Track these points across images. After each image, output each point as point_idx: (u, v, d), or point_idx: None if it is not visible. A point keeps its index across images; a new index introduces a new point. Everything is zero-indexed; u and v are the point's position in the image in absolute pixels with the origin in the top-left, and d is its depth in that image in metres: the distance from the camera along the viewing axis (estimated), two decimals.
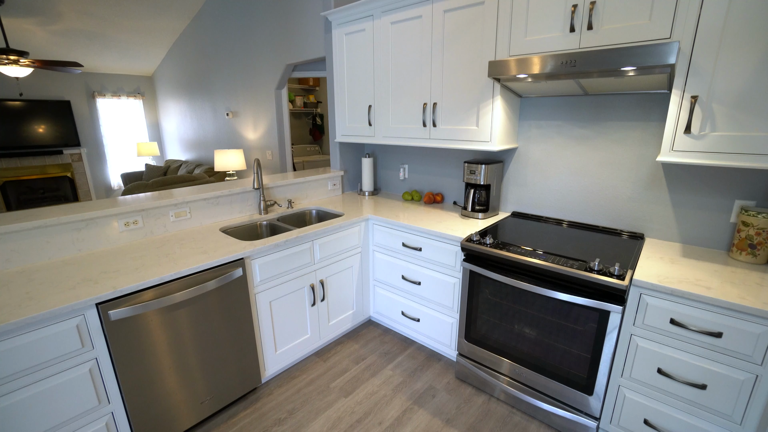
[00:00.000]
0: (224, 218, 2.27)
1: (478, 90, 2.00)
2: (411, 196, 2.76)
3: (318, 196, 2.83)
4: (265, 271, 1.86)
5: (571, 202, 2.11)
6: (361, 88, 2.58)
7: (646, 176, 1.85)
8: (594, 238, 1.88)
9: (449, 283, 2.05)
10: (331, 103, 2.90)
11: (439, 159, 2.68)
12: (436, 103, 2.19)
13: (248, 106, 4.53)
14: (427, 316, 2.22)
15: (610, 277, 1.43)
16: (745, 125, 1.35)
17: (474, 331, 1.95)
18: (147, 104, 6.71)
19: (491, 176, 2.18)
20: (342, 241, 2.25)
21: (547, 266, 1.57)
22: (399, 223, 2.19)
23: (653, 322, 1.42)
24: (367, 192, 2.96)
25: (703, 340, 1.34)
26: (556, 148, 2.11)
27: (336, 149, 2.98)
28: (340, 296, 2.34)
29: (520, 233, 1.96)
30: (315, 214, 2.63)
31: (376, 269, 2.45)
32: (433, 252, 2.08)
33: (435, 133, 2.24)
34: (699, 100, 1.42)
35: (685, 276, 1.44)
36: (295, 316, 2.08)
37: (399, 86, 2.36)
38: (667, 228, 1.84)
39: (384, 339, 2.49)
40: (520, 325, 1.77)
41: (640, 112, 1.81)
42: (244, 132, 4.73)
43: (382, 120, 2.51)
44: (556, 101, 2.06)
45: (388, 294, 2.42)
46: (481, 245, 1.78)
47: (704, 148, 1.43)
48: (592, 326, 1.55)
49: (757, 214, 1.55)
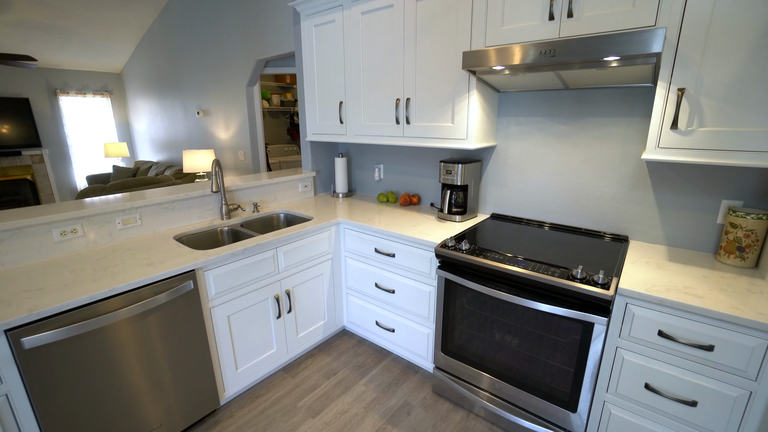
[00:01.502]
0: (181, 225, 2.08)
1: (453, 84, 1.87)
2: (386, 198, 2.61)
3: (288, 199, 2.66)
4: (221, 283, 1.69)
5: (553, 203, 2.00)
6: (332, 84, 2.42)
7: (630, 175, 1.75)
8: (577, 241, 1.77)
9: (424, 292, 1.91)
10: (302, 100, 2.74)
11: (415, 158, 2.54)
12: (409, 99, 2.05)
13: (219, 105, 4.31)
14: (402, 327, 2.08)
15: (593, 286, 1.31)
16: (734, 120, 1.25)
17: (451, 342, 1.82)
18: (116, 103, 6.39)
19: (469, 176, 2.05)
20: (310, 247, 2.08)
21: (526, 274, 1.44)
22: (371, 228, 2.05)
23: (640, 334, 1.31)
24: (341, 194, 2.80)
25: (693, 353, 1.23)
26: (537, 146, 1.99)
27: (307, 149, 2.82)
28: (309, 306, 2.18)
29: (499, 237, 1.83)
30: (283, 218, 2.46)
31: (349, 277, 2.29)
32: (406, 258, 1.94)
33: (409, 130, 2.10)
34: (686, 92, 1.31)
35: (672, 283, 1.34)
36: (258, 331, 1.91)
37: (371, 81, 2.21)
38: (652, 230, 1.74)
39: (358, 350, 2.34)
40: (499, 337, 1.64)
41: (623, 107, 1.71)
42: (215, 131, 4.51)
43: (354, 117, 2.36)
44: (536, 96, 1.94)
45: (362, 303, 2.27)
46: (456, 251, 1.65)
47: (692, 145, 1.33)
48: (575, 338, 1.43)
49: (746, 215, 1.45)
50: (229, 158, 4.42)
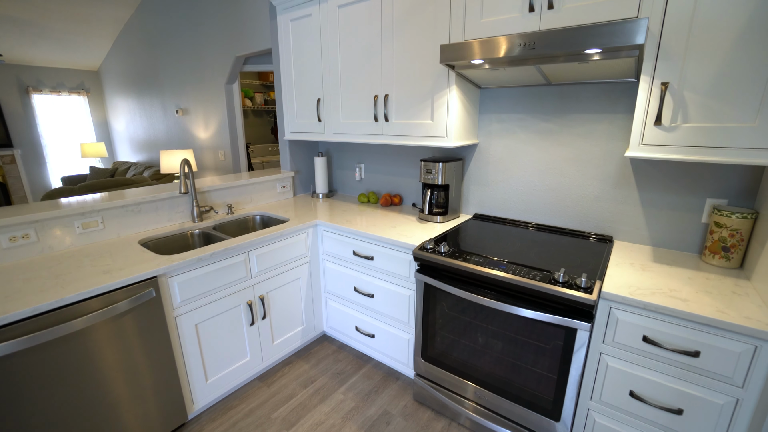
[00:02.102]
0: (148, 228, 1.97)
1: (432, 80, 1.79)
2: (367, 198, 2.53)
3: (265, 200, 2.56)
4: (187, 290, 1.59)
5: (536, 203, 1.94)
6: (310, 81, 2.33)
7: (614, 173, 1.70)
8: (561, 242, 1.71)
9: (404, 296, 1.83)
10: (279, 97, 2.64)
11: (396, 157, 2.47)
12: (387, 95, 1.97)
13: (198, 103, 4.18)
14: (382, 332, 2.00)
15: (576, 290, 1.25)
16: (719, 115, 1.20)
17: (431, 349, 1.74)
18: (93, 101, 6.19)
19: (450, 175, 1.98)
20: (285, 250, 1.99)
21: (507, 278, 1.38)
22: (348, 230, 1.96)
23: (624, 339, 1.25)
24: (321, 194, 2.71)
25: (678, 359, 1.18)
26: (519, 144, 1.93)
27: (286, 148, 2.72)
28: (286, 312, 2.08)
29: (480, 239, 1.76)
30: (259, 220, 2.36)
31: (328, 280, 2.21)
32: (385, 261, 1.86)
33: (387, 128, 2.02)
34: (670, 87, 1.26)
35: (657, 286, 1.28)
36: (230, 339, 1.82)
37: (349, 77, 2.13)
38: (637, 230, 1.69)
39: (338, 356, 2.25)
40: (481, 343, 1.57)
41: (606, 103, 1.66)
42: (195, 131, 4.38)
43: (332, 115, 2.27)
44: (518, 92, 1.88)
45: (341, 307, 2.18)
46: (434, 254, 1.57)
47: (676, 142, 1.28)
48: (558, 344, 1.37)
49: (731, 214, 1.41)
50: (209, 158, 4.29)
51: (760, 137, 1.15)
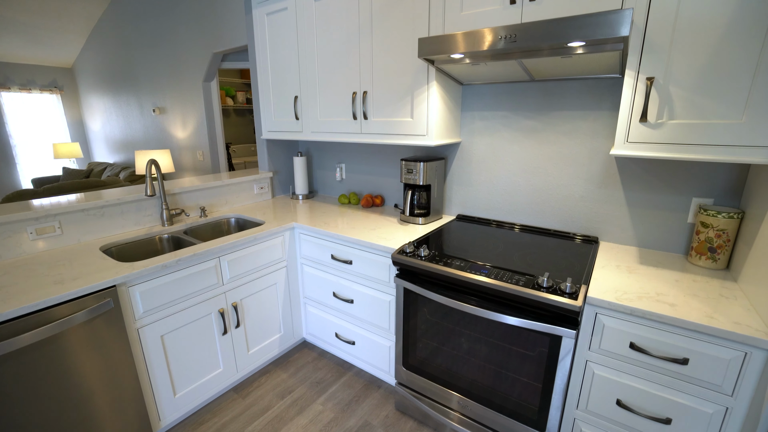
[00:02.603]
0: (113, 233, 1.85)
1: (412, 75, 1.72)
2: (348, 199, 2.45)
3: (241, 202, 2.46)
4: (151, 300, 1.48)
5: (520, 203, 1.88)
6: (287, 77, 2.24)
7: (599, 172, 1.65)
8: (545, 243, 1.65)
9: (384, 302, 1.75)
10: (256, 95, 2.54)
11: (378, 157, 2.39)
12: (366, 92, 1.89)
13: (176, 102, 4.04)
14: (362, 339, 1.92)
15: (561, 295, 1.19)
16: (706, 111, 1.15)
17: (413, 356, 1.67)
18: (67, 100, 5.96)
19: (432, 175, 1.91)
20: (260, 254, 1.90)
21: (488, 283, 1.31)
22: (326, 232, 1.88)
23: (611, 346, 1.20)
24: (301, 195, 2.62)
25: (666, 367, 1.12)
26: (503, 142, 1.87)
27: (263, 148, 2.62)
28: (262, 319, 1.99)
29: (463, 241, 1.70)
30: (234, 223, 2.25)
31: (306, 285, 2.12)
32: (364, 265, 1.78)
33: (367, 126, 1.94)
34: (655, 82, 1.20)
35: (644, 289, 1.23)
36: (201, 350, 1.71)
37: (326, 73, 2.04)
38: (622, 230, 1.64)
39: (318, 364, 2.17)
40: (464, 351, 1.50)
41: (590, 100, 1.60)
42: (172, 130, 4.23)
43: (309, 113, 2.18)
44: (500, 89, 1.82)
45: (320, 313, 2.09)
46: (414, 258, 1.50)
47: (662, 139, 1.22)
48: (542, 351, 1.31)
49: (717, 214, 1.37)
50: (187, 159, 4.15)
51: (747, 134, 1.10)
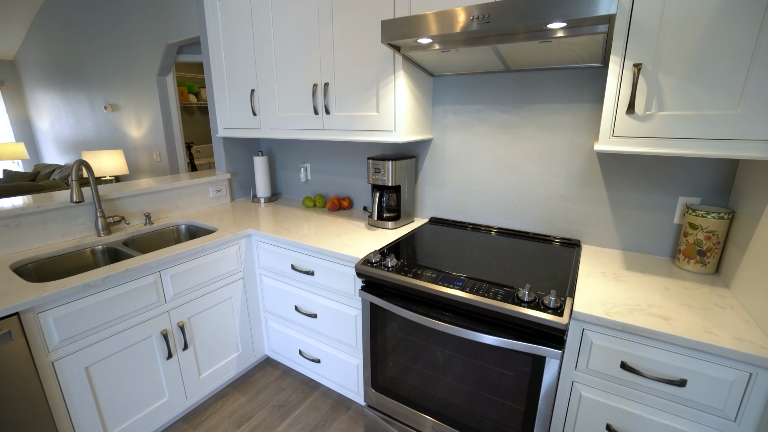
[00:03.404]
0: (32, 246, 1.59)
1: (376, 65, 1.55)
2: (313, 202, 2.25)
3: (195, 207, 2.23)
4: (69, 326, 1.25)
5: (497, 205, 1.75)
6: (242, 69, 2.02)
7: (581, 171, 1.52)
8: (525, 248, 1.52)
9: (350, 316, 1.58)
10: (210, 89, 2.31)
11: (345, 155, 2.21)
12: (327, 84, 1.71)
13: (129, 98, 3.72)
14: (328, 357, 1.73)
15: (544, 311, 1.05)
16: (698, 102, 1.03)
17: (383, 376, 1.50)
18: (9, 96, 5.48)
19: (401, 175, 1.75)
20: (211, 266, 1.68)
21: (463, 298, 1.15)
22: (285, 240, 1.68)
23: (600, 366, 1.06)
24: (263, 198, 2.41)
25: (662, 389, 1.00)
26: (477, 139, 1.73)
27: (220, 147, 2.39)
28: (216, 338, 1.77)
29: (436, 247, 1.54)
30: (185, 231, 2.02)
31: (266, 298, 1.91)
32: (327, 277, 1.60)
33: (329, 122, 1.75)
34: (643, 69, 1.08)
35: (634, 300, 1.10)
36: (140, 378, 1.49)
37: (285, 64, 1.84)
38: (605, 233, 1.53)
39: (282, 384, 1.97)
40: (438, 370, 1.35)
41: (571, 91, 1.48)
42: (127, 129, 3.91)
43: (268, 108, 1.98)
44: (474, 80, 1.67)
45: (283, 329, 1.90)
46: (380, 269, 1.33)
47: (650, 133, 1.10)
48: (524, 371, 1.17)
49: (707, 214, 1.26)
50: (143, 160, 3.84)
51: (743, 127, 0.99)
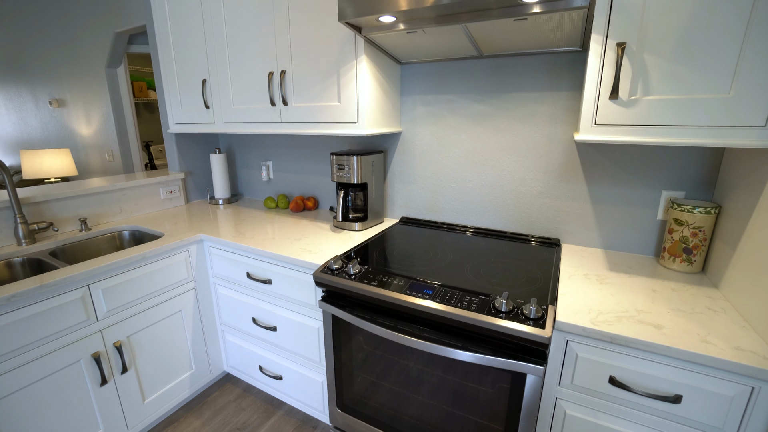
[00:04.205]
0: None
1: (337, 49, 1.40)
2: (276, 203, 2.08)
3: (142, 210, 2.01)
4: None
5: (472, 202, 1.62)
6: (193, 57, 1.83)
7: (559, 164, 1.42)
8: (501, 249, 1.40)
9: (312, 329, 1.42)
10: (159, 81, 2.09)
11: (310, 152, 2.04)
12: (284, 72, 1.54)
13: (76, 92, 3.42)
14: (290, 373, 1.57)
15: (524, 322, 0.92)
16: (686, 84, 0.93)
17: (349, 395, 1.35)
18: None
19: (368, 172, 1.60)
20: (155, 276, 1.49)
21: (433, 309, 1.02)
22: (238, 246, 1.50)
23: (586, 381, 0.95)
24: (221, 200, 2.21)
25: (655, 406, 0.89)
26: (449, 131, 1.60)
27: (172, 144, 2.18)
28: (163, 357, 1.58)
29: (406, 250, 1.40)
30: (128, 237, 1.81)
31: (222, 310, 1.73)
32: (285, 285, 1.43)
33: (287, 114, 1.59)
34: (627, 48, 0.97)
35: (622, 306, 0.99)
36: (65, 411, 1.28)
37: (238, 50, 1.66)
38: (586, 230, 1.43)
39: (242, 403, 1.78)
40: (409, 387, 1.21)
41: (548, 79, 1.36)
42: (75, 126, 3.60)
43: (221, 100, 1.79)
44: (445, 68, 1.54)
45: (241, 343, 1.72)
46: (341, 276, 1.18)
47: (636, 120, 0.99)
48: (503, 388, 1.04)
49: (693, 209, 1.17)
50: (95, 160, 3.55)
51: (735, 112, 0.89)
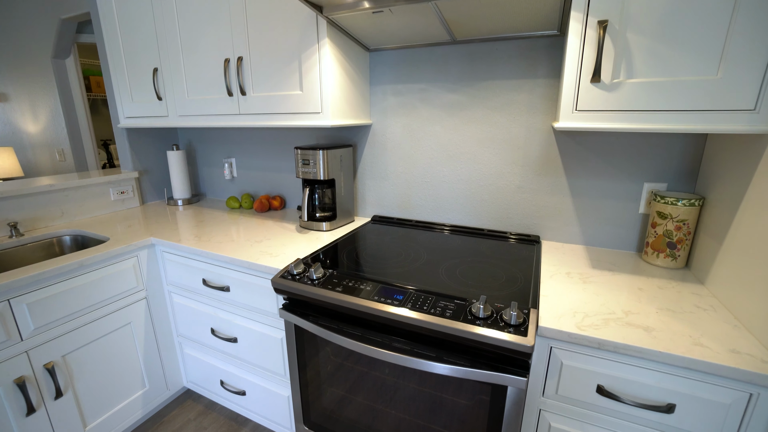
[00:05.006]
0: None
1: (298, 32, 1.27)
2: (239, 203, 1.93)
3: (90, 213, 1.82)
4: None
5: (447, 199, 1.53)
6: (142, 44, 1.66)
7: (537, 157, 1.34)
8: (478, 248, 1.31)
9: (275, 339, 1.29)
10: (107, 71, 1.91)
11: (275, 147, 1.90)
12: (241, 58, 1.41)
13: (20, 85, 3.15)
14: (254, 387, 1.43)
15: (504, 329, 0.82)
16: (672, 65, 0.86)
17: (317, 411, 1.23)
18: None
19: (335, 167, 1.48)
20: (97, 286, 1.32)
21: (402, 317, 0.91)
22: (192, 250, 1.36)
23: (572, 392, 0.86)
24: (181, 200, 2.04)
25: (646, 417, 0.81)
26: (422, 123, 1.50)
27: (124, 140, 1.99)
28: (109, 376, 1.41)
29: (376, 251, 1.29)
30: (70, 243, 1.63)
31: (179, 320, 1.57)
32: (245, 293, 1.30)
33: (246, 104, 1.45)
34: (609, 27, 0.89)
35: (608, 307, 0.92)
36: None
37: (191, 35, 1.51)
38: (566, 226, 1.36)
39: (204, 422, 1.63)
40: (381, 402, 1.10)
41: (524, 65, 1.28)
42: (21, 123, 3.32)
43: (175, 90, 1.63)
44: (416, 55, 1.44)
45: (200, 356, 1.57)
46: (302, 282, 1.05)
47: (620, 105, 0.91)
48: (482, 400, 0.94)
49: (677, 201, 1.11)
50: (44, 159, 3.28)
51: (723, 94, 0.82)
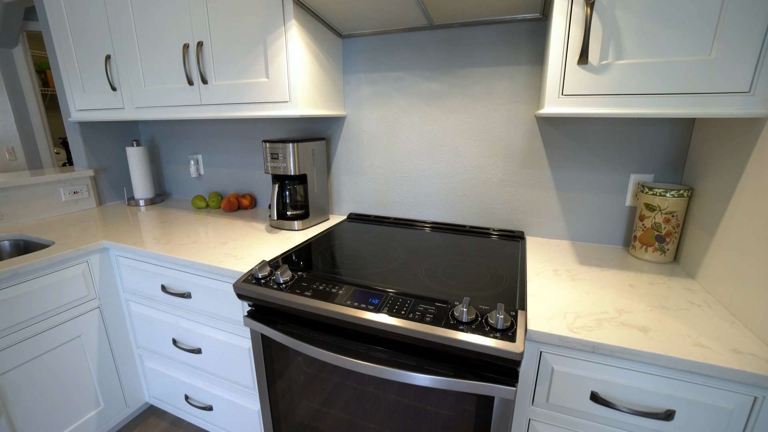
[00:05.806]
0: None
1: (262, 13, 1.16)
2: (206, 202, 1.80)
3: (36, 215, 1.65)
4: None
5: (426, 194, 1.45)
6: (92, 27, 1.51)
7: (521, 148, 1.27)
8: (461, 246, 1.23)
9: (243, 349, 1.18)
10: (54, 59, 1.75)
11: (244, 142, 1.78)
12: (201, 43, 1.29)
13: None
14: (221, 402, 1.31)
15: (490, 334, 0.74)
16: (663, 45, 0.80)
17: (289, 426, 1.12)
18: None
19: (307, 161, 1.38)
20: (38, 296, 1.18)
21: (378, 324, 0.82)
22: (147, 253, 1.23)
23: (564, 399, 0.79)
24: (143, 201, 1.89)
25: (643, 425, 0.75)
26: (399, 114, 1.42)
27: (77, 135, 1.83)
28: (55, 397, 1.26)
29: (352, 251, 1.20)
30: (9, 248, 1.46)
31: (137, 331, 1.44)
32: (207, 299, 1.18)
33: (208, 94, 1.33)
34: (597, 3, 0.82)
35: (600, 306, 0.85)
36: None
37: (146, 18, 1.38)
38: (551, 221, 1.30)
39: None
40: (360, 415, 1.00)
41: (505, 51, 1.21)
42: None
43: (131, 80, 1.49)
44: (392, 41, 1.36)
45: (162, 369, 1.44)
46: (267, 287, 0.95)
47: (608, 89, 0.85)
48: (468, 410, 0.86)
49: (665, 192, 1.06)
50: None
51: (716, 76, 0.77)
